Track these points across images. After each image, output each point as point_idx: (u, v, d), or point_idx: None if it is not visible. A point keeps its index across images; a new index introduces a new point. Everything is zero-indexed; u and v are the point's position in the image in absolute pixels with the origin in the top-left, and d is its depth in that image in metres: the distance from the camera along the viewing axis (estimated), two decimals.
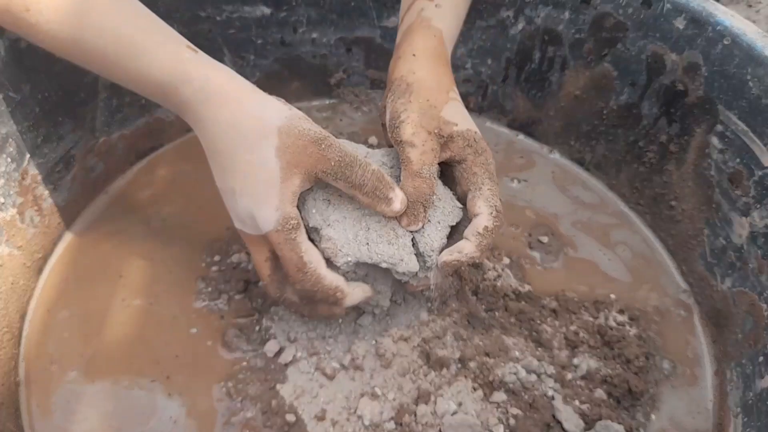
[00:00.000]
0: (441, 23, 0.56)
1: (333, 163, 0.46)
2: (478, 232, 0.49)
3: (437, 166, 0.51)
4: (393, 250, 0.49)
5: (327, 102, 0.84)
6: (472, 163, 0.51)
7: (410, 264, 0.50)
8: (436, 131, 0.50)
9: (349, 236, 0.49)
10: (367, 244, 0.49)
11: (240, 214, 0.47)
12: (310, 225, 0.49)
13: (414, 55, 0.54)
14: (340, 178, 0.47)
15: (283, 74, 0.81)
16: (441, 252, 0.51)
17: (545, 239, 0.69)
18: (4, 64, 0.54)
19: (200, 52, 0.49)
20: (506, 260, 0.65)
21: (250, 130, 0.46)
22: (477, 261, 0.51)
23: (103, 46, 0.46)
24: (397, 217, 0.50)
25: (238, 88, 0.47)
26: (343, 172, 0.46)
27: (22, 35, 0.47)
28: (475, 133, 0.52)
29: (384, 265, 0.49)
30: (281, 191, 0.46)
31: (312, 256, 0.48)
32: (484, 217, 0.50)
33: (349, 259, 0.49)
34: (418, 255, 0.51)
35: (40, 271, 0.62)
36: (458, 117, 0.52)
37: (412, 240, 0.51)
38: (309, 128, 0.47)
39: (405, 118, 0.50)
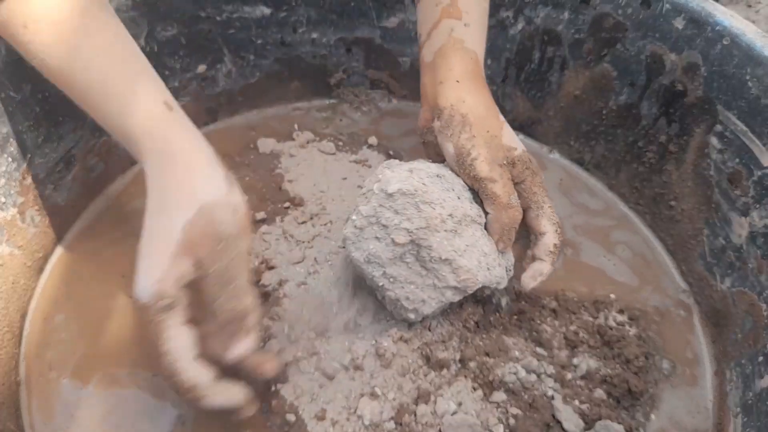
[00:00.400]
0: (474, 45, 0.57)
1: (210, 270, 0.43)
2: (550, 251, 0.54)
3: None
4: (501, 272, 0.54)
5: (327, 102, 0.84)
6: (531, 183, 0.54)
7: (506, 281, 0.55)
8: (505, 162, 0.53)
9: (475, 263, 0.51)
10: (488, 269, 0.52)
11: (138, 279, 0.44)
12: (443, 257, 0.50)
13: (458, 81, 0.55)
14: (203, 287, 0.44)
15: (283, 74, 0.81)
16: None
17: None
18: (4, 64, 0.54)
19: (175, 109, 0.47)
20: None
21: (177, 197, 0.44)
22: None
23: (86, 83, 0.45)
24: (496, 243, 0.53)
25: (194, 156, 0.46)
26: (211, 285, 0.44)
27: (16, 49, 0.46)
28: (529, 153, 0.55)
29: (493, 285, 0.53)
30: (169, 268, 0.43)
31: (173, 345, 0.43)
32: (551, 236, 0.54)
33: (480, 286, 0.52)
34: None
35: (40, 270, 0.62)
36: (514, 141, 0.55)
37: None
38: (224, 221, 0.44)
39: (476, 155, 0.52)
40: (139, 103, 0.46)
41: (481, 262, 0.52)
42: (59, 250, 0.64)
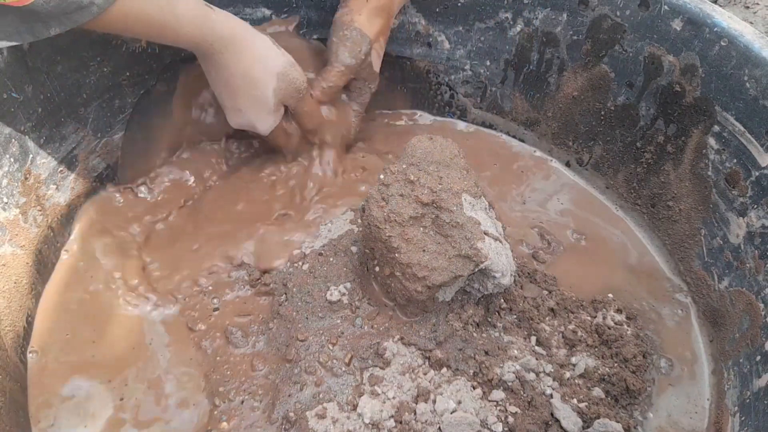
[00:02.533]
0: None
1: (298, 107, 0.69)
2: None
3: None
4: (507, 266, 0.55)
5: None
6: None
7: (509, 281, 0.56)
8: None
9: (486, 243, 0.53)
10: (497, 254, 0.53)
11: (243, 122, 0.68)
12: (459, 222, 0.52)
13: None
14: (296, 113, 0.69)
15: None
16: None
17: (543, 239, 0.69)
18: (6, 65, 0.54)
19: (216, 9, 0.61)
20: None
21: (258, 75, 0.64)
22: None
23: (159, 21, 0.56)
24: None
25: (251, 38, 0.63)
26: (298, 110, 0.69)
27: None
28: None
29: (498, 275, 0.54)
30: (273, 115, 0.68)
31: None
32: None
33: (489, 262, 0.53)
34: None
35: (43, 270, 0.62)
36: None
37: None
38: (296, 78, 0.66)
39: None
40: (196, 17, 0.59)
41: (491, 245, 0.53)
42: (62, 250, 0.64)
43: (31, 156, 0.59)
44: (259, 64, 0.63)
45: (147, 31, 0.57)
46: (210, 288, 0.61)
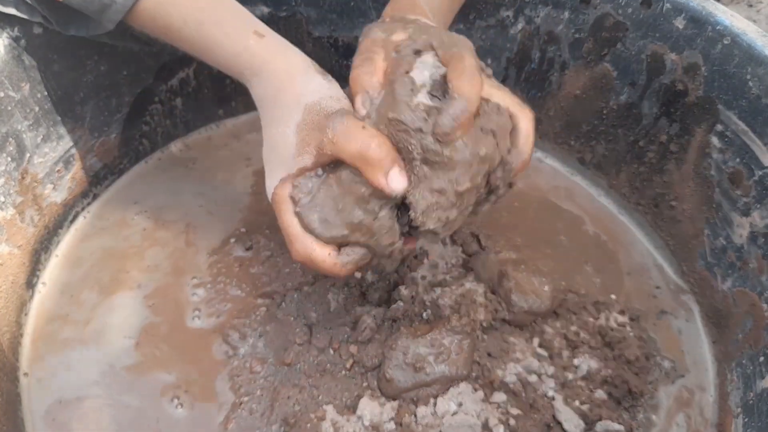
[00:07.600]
0: None
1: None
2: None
3: None
4: None
5: None
6: None
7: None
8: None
9: None
10: None
11: (266, 185, 0.49)
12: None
13: None
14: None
15: None
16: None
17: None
18: (3, 63, 0.54)
19: (266, 34, 0.50)
20: None
21: (285, 106, 0.48)
22: None
23: (187, 36, 0.50)
24: None
25: (290, 70, 0.49)
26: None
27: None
28: None
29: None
30: (290, 167, 0.47)
31: (292, 230, 0.46)
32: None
33: None
34: None
35: (40, 270, 0.62)
36: None
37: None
38: (331, 106, 0.47)
39: None
40: (232, 44, 0.49)
41: None
42: (59, 250, 0.64)
43: (28, 155, 0.58)
44: (291, 96, 0.48)
45: (182, 46, 0.51)
46: (209, 288, 0.61)
